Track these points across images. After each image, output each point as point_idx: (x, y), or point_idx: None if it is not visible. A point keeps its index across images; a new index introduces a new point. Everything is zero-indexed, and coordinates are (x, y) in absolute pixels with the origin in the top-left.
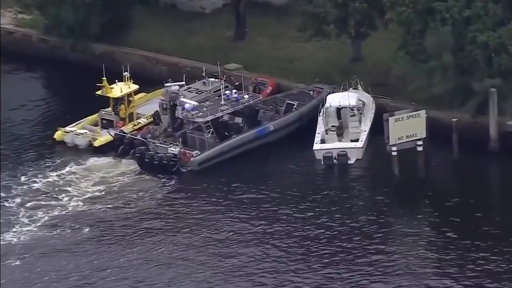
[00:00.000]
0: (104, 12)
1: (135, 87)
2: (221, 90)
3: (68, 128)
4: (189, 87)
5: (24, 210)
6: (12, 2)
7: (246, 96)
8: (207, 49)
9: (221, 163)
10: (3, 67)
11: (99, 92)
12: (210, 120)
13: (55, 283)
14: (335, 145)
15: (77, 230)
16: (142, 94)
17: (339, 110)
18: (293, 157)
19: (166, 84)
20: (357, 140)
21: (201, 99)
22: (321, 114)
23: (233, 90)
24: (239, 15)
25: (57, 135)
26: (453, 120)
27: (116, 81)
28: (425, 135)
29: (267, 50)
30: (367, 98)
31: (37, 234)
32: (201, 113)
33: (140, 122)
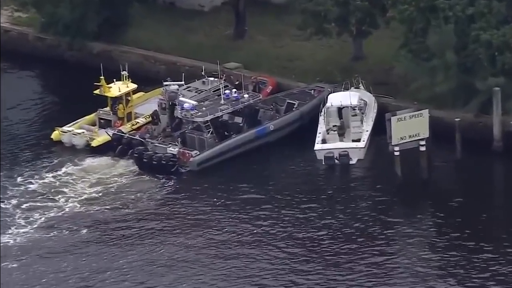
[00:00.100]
0: (102, 10)
1: (134, 86)
2: (221, 90)
3: (66, 128)
4: (188, 86)
5: (21, 212)
6: (9, 1)
7: (246, 96)
8: (206, 48)
9: (221, 164)
10: None
11: (97, 91)
12: (210, 120)
13: (54, 286)
14: (337, 145)
15: (75, 232)
16: (141, 94)
17: (341, 110)
18: (294, 158)
19: (165, 83)
20: (359, 140)
21: (201, 99)
22: (322, 114)
23: (233, 90)
24: (239, 13)
25: (54, 135)
26: (456, 120)
27: (114, 80)
28: (428, 135)
29: (267, 49)
30: (369, 98)
31: (34, 236)
32: (201, 113)
33: (139, 122)
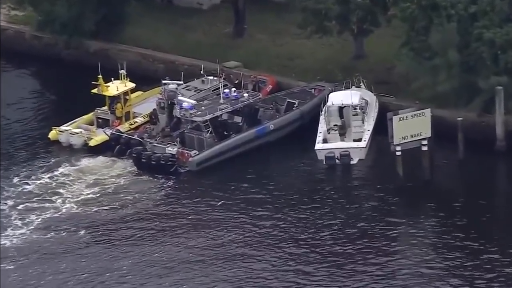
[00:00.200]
0: (99, 8)
1: (132, 85)
2: (220, 89)
3: (63, 127)
4: (187, 86)
5: (17, 213)
6: None
7: (246, 95)
8: (205, 47)
9: (220, 163)
10: None
11: (95, 91)
12: (209, 119)
13: None
14: (338, 145)
15: (73, 233)
16: (139, 93)
17: (342, 109)
18: (294, 157)
19: (164, 82)
20: (360, 140)
21: (200, 98)
22: (323, 113)
23: (232, 89)
24: (238, 11)
25: (52, 135)
26: (459, 119)
27: (112, 79)
28: (430, 135)
29: (267, 47)
30: (370, 97)
31: (31, 237)
32: (200, 112)
33: (137, 121)
